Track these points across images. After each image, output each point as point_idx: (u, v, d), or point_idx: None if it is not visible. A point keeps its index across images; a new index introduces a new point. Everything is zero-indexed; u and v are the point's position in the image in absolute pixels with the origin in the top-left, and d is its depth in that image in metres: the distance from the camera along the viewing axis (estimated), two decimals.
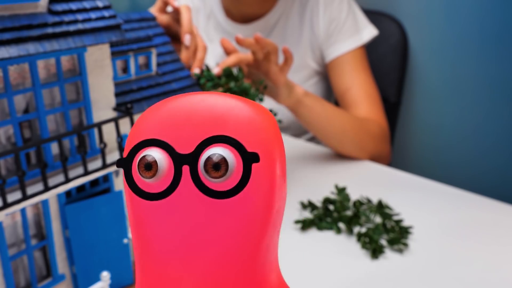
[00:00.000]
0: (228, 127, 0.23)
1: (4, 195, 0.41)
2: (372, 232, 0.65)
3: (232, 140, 0.23)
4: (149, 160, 0.23)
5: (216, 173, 0.22)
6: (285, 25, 1.09)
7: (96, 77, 0.50)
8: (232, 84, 0.70)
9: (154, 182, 0.23)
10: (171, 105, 0.24)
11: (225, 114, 0.23)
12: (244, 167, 0.22)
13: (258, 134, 0.23)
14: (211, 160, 0.22)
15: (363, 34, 1.05)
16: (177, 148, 0.23)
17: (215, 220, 0.23)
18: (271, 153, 0.23)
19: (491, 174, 1.14)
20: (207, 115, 0.23)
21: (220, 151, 0.22)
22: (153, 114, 0.24)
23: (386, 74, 1.22)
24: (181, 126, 0.23)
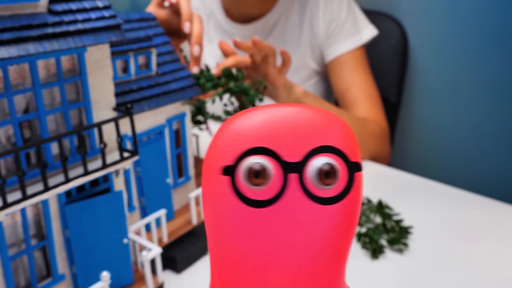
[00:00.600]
0: (330, 138, 0.24)
1: (4, 195, 0.41)
2: (372, 232, 0.65)
3: (337, 150, 0.24)
4: (259, 168, 0.23)
5: (328, 180, 0.23)
6: (285, 25, 1.09)
7: (96, 77, 0.50)
8: (232, 84, 0.70)
9: (262, 189, 0.24)
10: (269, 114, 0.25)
11: (325, 126, 0.24)
12: (349, 175, 0.24)
13: (354, 144, 0.25)
14: (323, 169, 0.23)
15: (363, 34, 1.05)
16: (283, 156, 0.24)
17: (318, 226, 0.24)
18: (361, 162, 0.25)
19: (491, 174, 1.14)
20: (308, 125, 0.24)
21: (329, 160, 0.24)
22: (253, 121, 0.24)
23: (386, 74, 1.22)
24: (285, 134, 0.24)
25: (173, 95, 0.62)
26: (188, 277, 0.60)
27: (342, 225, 0.25)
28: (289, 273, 0.25)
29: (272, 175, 0.23)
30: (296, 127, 0.24)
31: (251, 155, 0.24)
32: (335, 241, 0.25)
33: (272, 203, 0.24)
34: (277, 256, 0.25)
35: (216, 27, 1.14)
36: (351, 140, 0.25)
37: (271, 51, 0.81)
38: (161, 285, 0.56)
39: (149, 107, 0.59)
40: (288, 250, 0.24)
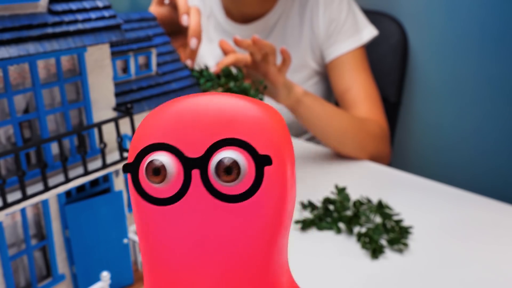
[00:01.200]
0: (238, 129, 0.22)
1: (4, 195, 0.41)
2: (372, 232, 0.65)
3: (243, 143, 0.22)
4: (157, 165, 0.22)
5: (228, 177, 0.21)
6: (285, 25, 1.09)
7: (96, 77, 0.50)
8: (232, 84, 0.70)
9: (163, 187, 0.22)
10: (176, 107, 0.23)
11: (234, 116, 0.22)
12: (257, 170, 0.22)
13: (268, 135, 0.22)
14: (222, 164, 0.21)
15: (363, 34, 1.05)
16: (185, 152, 0.22)
17: (226, 225, 0.23)
18: (282, 155, 0.23)
19: (491, 174, 1.14)
20: (215, 116, 0.22)
21: (231, 154, 0.22)
22: (159, 116, 0.23)
23: (386, 74, 1.22)
24: (188, 128, 0.22)
25: (173, 95, 0.62)
26: None
27: (257, 223, 0.23)
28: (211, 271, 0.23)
29: (172, 172, 0.22)
30: (202, 119, 0.22)
31: (152, 152, 0.22)
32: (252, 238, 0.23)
33: (175, 201, 0.23)
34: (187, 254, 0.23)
35: (216, 27, 1.14)
36: (264, 131, 0.22)
37: (271, 50, 0.81)
38: None
39: (149, 107, 0.59)
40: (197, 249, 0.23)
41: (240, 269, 0.23)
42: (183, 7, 0.78)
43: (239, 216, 0.22)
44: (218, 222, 0.23)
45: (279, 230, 0.23)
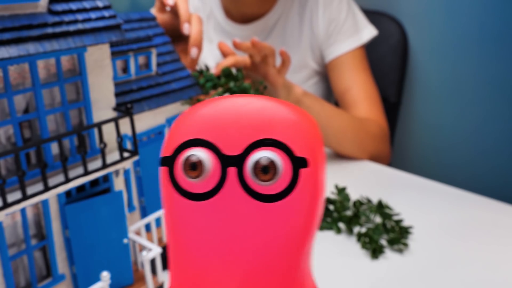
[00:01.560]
0: (275, 130, 0.23)
1: (4, 195, 0.41)
2: (372, 232, 0.65)
3: (280, 144, 0.22)
4: (195, 160, 0.22)
5: (265, 176, 0.22)
6: (285, 25, 1.09)
7: (96, 77, 0.50)
8: (232, 84, 0.70)
9: (199, 182, 0.23)
10: (216, 106, 0.23)
11: (272, 118, 0.23)
12: (293, 171, 0.22)
13: (305, 138, 0.23)
14: (260, 163, 0.22)
15: (362, 34, 1.05)
16: (223, 149, 0.23)
17: (258, 223, 0.23)
18: (316, 158, 0.23)
19: (491, 174, 1.14)
20: (253, 117, 0.23)
21: (269, 154, 0.22)
22: (197, 113, 0.23)
23: (386, 74, 1.22)
24: (227, 127, 0.23)
25: (173, 95, 0.62)
26: None
27: (288, 224, 0.23)
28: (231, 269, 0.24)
29: (209, 168, 0.22)
30: (241, 120, 0.23)
31: (190, 147, 0.23)
32: (282, 239, 0.23)
33: (209, 197, 0.23)
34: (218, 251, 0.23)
35: (216, 27, 1.14)
36: (301, 134, 0.23)
37: (270, 52, 0.81)
38: (161, 285, 0.56)
39: (149, 107, 0.59)
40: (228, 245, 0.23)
41: (268, 269, 0.24)
42: (184, 15, 0.78)
43: (271, 216, 0.23)
44: (250, 221, 0.23)
45: (309, 232, 0.24)
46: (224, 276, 0.24)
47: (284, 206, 0.23)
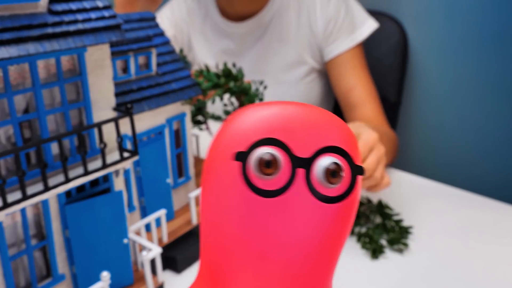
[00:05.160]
0: (338, 139, 0.25)
1: (4, 195, 0.41)
2: (372, 232, 0.65)
3: (344, 152, 0.25)
4: (270, 158, 0.23)
5: (333, 179, 0.24)
6: (281, 22, 1.09)
7: (96, 77, 0.50)
8: (232, 84, 0.70)
9: (270, 180, 0.24)
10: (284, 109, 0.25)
11: (334, 127, 0.25)
12: (352, 177, 0.25)
13: (357, 148, 0.26)
14: (330, 167, 0.24)
15: (362, 30, 1.05)
16: (294, 151, 0.24)
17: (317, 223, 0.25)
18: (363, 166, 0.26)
19: (491, 175, 1.14)
20: (319, 125, 0.25)
21: (337, 160, 0.24)
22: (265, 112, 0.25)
23: (386, 74, 1.22)
24: (297, 130, 0.25)
25: (173, 95, 0.62)
26: (188, 277, 0.60)
27: (339, 225, 0.25)
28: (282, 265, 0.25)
29: (281, 167, 0.24)
30: (308, 124, 0.25)
31: (263, 145, 0.24)
32: (330, 239, 0.25)
33: (278, 194, 0.24)
34: (273, 248, 0.25)
35: (212, 26, 1.14)
36: (355, 144, 0.26)
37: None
38: (161, 285, 0.56)
39: (149, 107, 0.59)
40: (285, 243, 0.25)
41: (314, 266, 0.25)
42: None
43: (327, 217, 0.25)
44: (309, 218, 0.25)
45: (348, 233, 0.26)
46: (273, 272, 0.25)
47: (341, 208, 0.25)
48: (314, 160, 0.24)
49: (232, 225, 0.25)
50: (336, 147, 0.25)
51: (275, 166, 0.24)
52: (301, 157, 0.24)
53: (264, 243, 0.25)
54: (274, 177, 0.24)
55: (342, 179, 0.24)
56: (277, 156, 0.24)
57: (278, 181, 0.24)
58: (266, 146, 0.24)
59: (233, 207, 0.25)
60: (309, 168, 0.24)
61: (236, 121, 0.25)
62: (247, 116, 0.25)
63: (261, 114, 0.25)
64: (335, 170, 0.24)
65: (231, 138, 0.25)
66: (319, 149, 0.24)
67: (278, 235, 0.25)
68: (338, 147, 0.25)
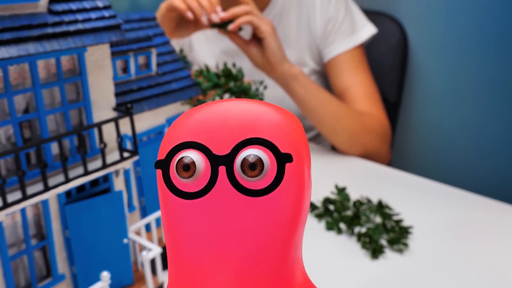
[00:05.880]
0: (261, 130, 0.25)
1: (4, 195, 0.41)
2: (372, 232, 0.65)
3: (266, 142, 0.24)
4: (187, 162, 0.24)
5: (252, 172, 0.24)
6: (281, 24, 1.09)
7: (96, 77, 0.50)
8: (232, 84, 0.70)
9: (192, 182, 0.24)
10: (205, 111, 0.26)
11: (258, 118, 0.25)
12: (278, 166, 0.24)
13: (288, 136, 0.25)
14: (247, 161, 0.24)
15: (361, 33, 1.05)
16: (213, 150, 0.25)
17: (248, 218, 0.25)
18: (301, 154, 0.25)
19: (491, 174, 1.14)
20: (240, 119, 0.25)
21: (255, 152, 0.24)
22: (188, 118, 0.26)
23: (386, 74, 1.22)
24: (216, 129, 0.25)
25: (173, 95, 0.62)
26: None
27: (276, 217, 0.25)
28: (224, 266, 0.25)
29: (200, 168, 0.24)
30: (228, 122, 0.25)
31: (182, 150, 0.25)
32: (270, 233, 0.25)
33: (202, 195, 0.25)
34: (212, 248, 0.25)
35: None
36: (284, 132, 0.25)
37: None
38: (161, 285, 0.56)
39: (149, 107, 0.59)
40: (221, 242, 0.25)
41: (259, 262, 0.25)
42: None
43: (260, 210, 0.25)
44: (240, 216, 0.25)
45: (296, 225, 0.25)
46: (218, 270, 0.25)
47: (272, 200, 0.24)
48: (236, 156, 0.24)
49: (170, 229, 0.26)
50: (256, 139, 0.24)
51: (193, 168, 0.24)
52: (219, 154, 0.24)
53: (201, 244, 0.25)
54: (195, 179, 0.24)
55: (266, 170, 0.24)
56: (194, 158, 0.24)
57: (200, 182, 0.24)
58: (185, 150, 0.25)
59: (166, 212, 0.26)
60: (231, 164, 0.24)
61: (168, 129, 0.26)
62: (174, 123, 0.26)
63: (183, 120, 0.26)
64: (253, 162, 0.24)
65: (160, 147, 0.26)
66: (237, 144, 0.24)
67: (213, 234, 0.25)
68: (258, 138, 0.24)
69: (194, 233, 0.25)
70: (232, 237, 0.25)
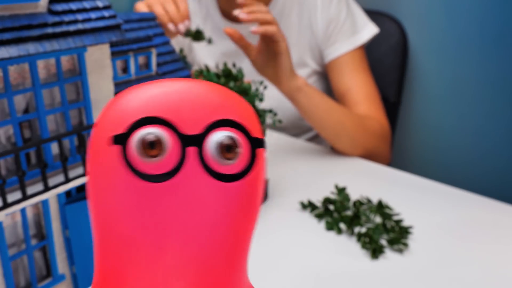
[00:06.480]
0: (232, 112, 0.22)
1: (4, 195, 0.41)
2: (372, 232, 0.65)
3: (239, 125, 0.22)
4: (153, 139, 0.21)
5: (228, 154, 0.22)
6: (282, 23, 1.09)
7: (96, 77, 0.50)
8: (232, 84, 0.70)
9: (157, 162, 0.21)
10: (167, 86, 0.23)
11: (226, 99, 0.23)
12: (251, 151, 0.22)
13: (256, 120, 0.23)
14: (223, 142, 0.21)
15: (362, 33, 1.05)
16: (181, 129, 0.22)
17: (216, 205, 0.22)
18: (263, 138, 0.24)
19: (491, 174, 1.14)
20: (209, 98, 0.22)
21: (230, 134, 0.22)
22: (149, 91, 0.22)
23: (386, 74, 1.22)
24: (184, 106, 0.22)
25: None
26: None
27: (243, 205, 0.23)
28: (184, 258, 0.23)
29: (168, 147, 0.21)
30: (196, 100, 0.22)
31: (145, 126, 0.21)
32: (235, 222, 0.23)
33: (168, 178, 0.21)
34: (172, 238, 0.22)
35: (213, 27, 1.14)
36: (252, 117, 0.23)
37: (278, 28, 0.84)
38: None
39: None
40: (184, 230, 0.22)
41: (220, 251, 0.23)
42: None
43: (230, 196, 0.22)
44: (207, 202, 0.22)
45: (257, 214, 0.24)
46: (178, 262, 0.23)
47: (243, 186, 0.22)
48: (206, 137, 0.22)
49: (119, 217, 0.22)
50: (229, 120, 0.22)
51: (160, 147, 0.21)
52: (190, 134, 0.22)
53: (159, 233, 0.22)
54: (160, 159, 0.21)
55: (240, 154, 0.22)
56: (162, 135, 0.21)
57: (167, 163, 0.21)
58: (148, 126, 0.21)
59: (118, 196, 0.22)
60: (201, 145, 0.22)
61: (116, 102, 0.22)
62: (128, 96, 0.22)
63: (144, 93, 0.22)
64: (230, 144, 0.21)
65: (109, 120, 0.22)
66: (210, 124, 0.22)
67: (175, 222, 0.22)
68: (231, 120, 0.22)
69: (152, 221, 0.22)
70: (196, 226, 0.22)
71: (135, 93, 0.22)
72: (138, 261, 0.22)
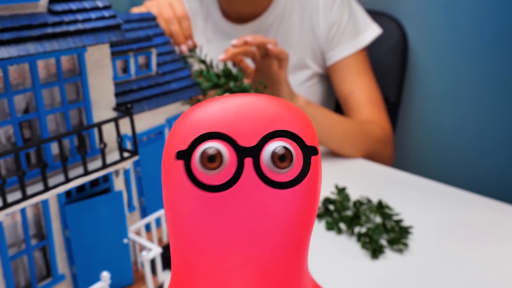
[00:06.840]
0: (286, 122, 0.24)
1: (4, 195, 0.41)
2: (372, 232, 0.65)
3: (292, 134, 0.24)
4: (213, 152, 0.23)
5: (282, 163, 0.23)
6: (283, 25, 1.09)
7: (96, 77, 0.50)
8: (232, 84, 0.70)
9: (216, 174, 0.24)
10: (226, 102, 0.25)
11: (280, 111, 0.25)
12: (304, 159, 0.24)
13: (310, 130, 0.25)
14: (277, 152, 0.23)
15: (365, 35, 1.05)
16: (239, 142, 0.24)
17: (274, 211, 0.24)
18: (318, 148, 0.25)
19: (491, 174, 1.14)
20: (263, 111, 0.24)
21: (284, 144, 0.24)
22: (208, 108, 0.25)
23: (386, 74, 1.22)
24: (240, 121, 0.24)
25: (173, 95, 0.62)
26: None
27: (300, 210, 0.24)
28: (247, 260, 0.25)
29: (226, 160, 0.24)
30: (252, 114, 0.24)
31: (206, 141, 0.24)
32: (292, 226, 0.25)
33: (227, 188, 0.24)
34: (235, 242, 0.24)
35: (214, 28, 1.14)
36: (307, 126, 0.25)
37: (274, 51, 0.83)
38: (161, 285, 0.56)
39: (149, 107, 0.59)
40: (246, 235, 0.24)
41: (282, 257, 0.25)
42: None
43: (285, 203, 0.24)
44: (265, 209, 0.24)
45: (313, 218, 0.25)
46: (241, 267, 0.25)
47: (297, 192, 0.24)
48: (262, 148, 0.24)
49: (187, 224, 0.25)
50: (283, 131, 0.24)
51: (220, 160, 0.23)
52: (246, 146, 0.24)
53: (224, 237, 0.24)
54: (220, 171, 0.23)
55: (293, 162, 0.24)
56: (220, 149, 0.23)
57: (225, 174, 0.24)
58: (208, 141, 0.24)
59: (185, 205, 0.24)
60: (258, 156, 0.24)
61: (181, 119, 0.25)
62: (192, 113, 0.25)
63: (204, 110, 0.25)
64: (283, 153, 0.23)
65: (175, 137, 0.25)
66: (265, 136, 0.24)
67: (236, 227, 0.24)
68: (285, 131, 0.24)
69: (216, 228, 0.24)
70: (257, 231, 0.24)
71: (198, 110, 0.25)
72: (207, 262, 0.25)
